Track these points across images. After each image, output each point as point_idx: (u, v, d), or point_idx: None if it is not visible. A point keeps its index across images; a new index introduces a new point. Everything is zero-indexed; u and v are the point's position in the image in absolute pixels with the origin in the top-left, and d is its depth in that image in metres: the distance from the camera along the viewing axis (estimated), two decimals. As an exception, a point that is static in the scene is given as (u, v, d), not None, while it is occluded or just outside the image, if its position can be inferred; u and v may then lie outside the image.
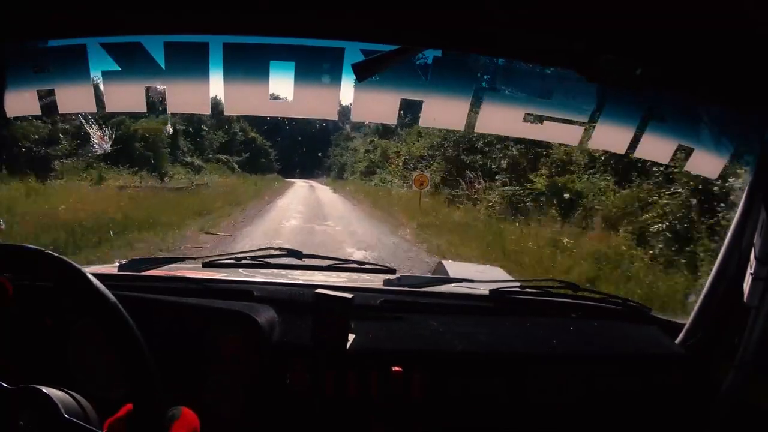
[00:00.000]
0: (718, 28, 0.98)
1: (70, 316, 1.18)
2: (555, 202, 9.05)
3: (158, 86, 1.12)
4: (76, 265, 0.88)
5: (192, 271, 1.57)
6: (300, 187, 23.14)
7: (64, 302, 1.17)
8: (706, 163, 1.32)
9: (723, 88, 1.14)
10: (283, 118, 1.15)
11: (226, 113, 1.14)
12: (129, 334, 0.85)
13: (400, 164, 17.77)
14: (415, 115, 1.16)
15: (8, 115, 1.12)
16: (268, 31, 1.05)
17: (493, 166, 12.08)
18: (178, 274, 1.53)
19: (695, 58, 1.08)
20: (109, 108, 1.16)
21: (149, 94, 1.13)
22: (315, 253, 1.57)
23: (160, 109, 1.15)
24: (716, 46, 1.03)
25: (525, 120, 1.19)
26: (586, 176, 9.15)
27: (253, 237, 8.19)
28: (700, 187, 6.11)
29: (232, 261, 1.54)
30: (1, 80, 1.03)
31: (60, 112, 1.17)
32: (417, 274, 1.61)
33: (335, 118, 1.14)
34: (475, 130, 1.19)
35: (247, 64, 1.12)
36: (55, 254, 0.88)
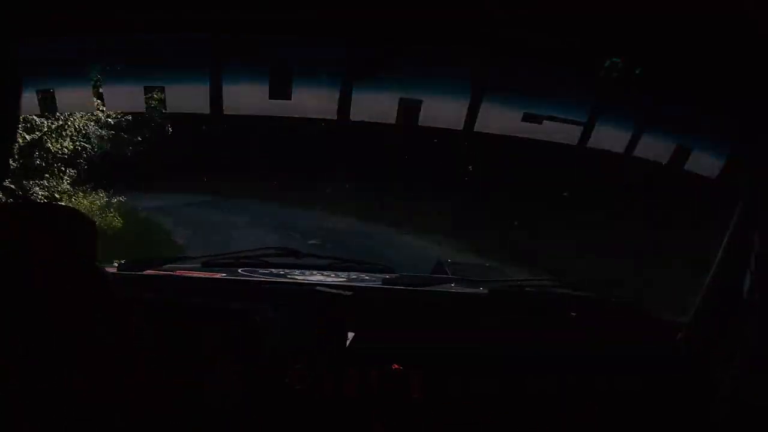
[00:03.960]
0: (717, 28, 0.98)
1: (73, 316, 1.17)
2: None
3: (158, 86, 1.12)
4: None
5: (191, 271, 1.57)
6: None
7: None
8: (706, 163, 1.32)
9: (723, 88, 1.14)
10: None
11: (225, 113, 1.14)
12: None
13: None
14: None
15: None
16: (268, 31, 1.05)
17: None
18: (178, 273, 1.53)
19: (695, 59, 1.08)
20: (109, 107, 1.17)
21: (148, 94, 1.13)
22: (314, 253, 1.57)
23: (160, 108, 1.15)
24: (716, 47, 1.03)
25: (524, 119, 1.19)
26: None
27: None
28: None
29: (231, 261, 1.54)
30: (8, 80, 1.03)
31: (59, 112, 1.17)
32: (416, 274, 1.61)
33: (335, 117, 1.14)
34: (475, 130, 1.19)
35: (247, 63, 1.12)
36: None
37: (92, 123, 7.92)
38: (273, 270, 1.62)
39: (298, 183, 9.70)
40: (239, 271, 1.58)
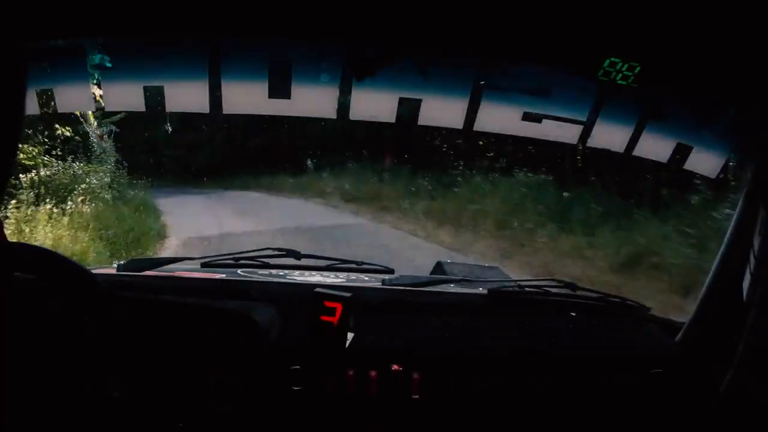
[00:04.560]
0: (718, 28, 0.98)
1: (71, 316, 1.17)
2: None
3: (157, 85, 1.12)
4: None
5: (190, 272, 1.57)
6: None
7: (66, 301, 1.17)
8: (705, 163, 1.32)
9: (723, 87, 1.14)
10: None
11: (225, 112, 1.14)
12: None
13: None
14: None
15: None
16: (268, 31, 1.05)
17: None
18: (177, 274, 1.53)
19: (695, 58, 1.08)
20: (108, 107, 1.16)
21: (148, 93, 1.13)
22: (313, 253, 1.57)
23: (159, 108, 1.15)
24: (716, 46, 1.03)
25: (523, 119, 1.19)
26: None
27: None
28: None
29: (230, 261, 1.54)
30: (11, 80, 1.03)
31: (59, 112, 1.17)
32: (415, 274, 1.60)
33: (334, 116, 1.14)
34: (474, 129, 1.19)
35: (246, 63, 1.12)
36: (59, 253, 0.89)
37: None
38: (272, 270, 1.62)
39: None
40: (238, 271, 1.58)
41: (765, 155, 1.24)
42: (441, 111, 1.15)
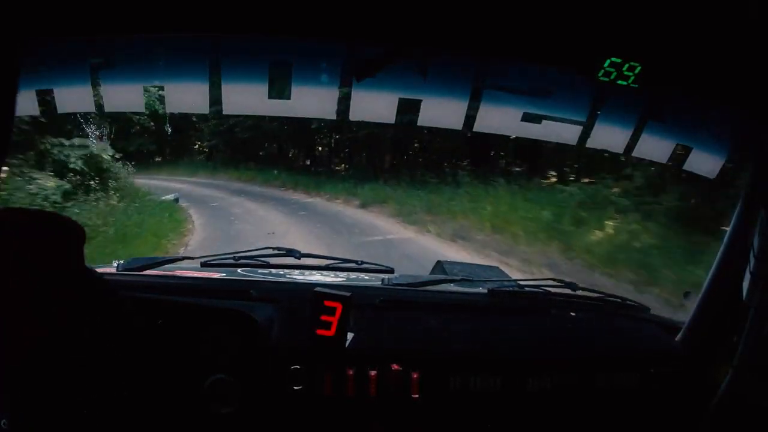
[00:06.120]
0: (718, 28, 0.98)
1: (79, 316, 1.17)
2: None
3: (157, 85, 1.12)
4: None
5: (190, 271, 1.57)
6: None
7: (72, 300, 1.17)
8: (705, 163, 1.33)
9: (723, 88, 1.14)
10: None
11: (225, 113, 1.14)
12: None
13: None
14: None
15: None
16: (268, 31, 1.05)
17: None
18: (177, 273, 1.53)
19: (695, 58, 1.08)
20: (108, 108, 1.16)
21: (148, 94, 1.13)
22: (313, 253, 1.57)
23: (159, 108, 1.15)
24: (716, 46, 1.03)
25: (523, 119, 1.19)
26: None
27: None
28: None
29: (230, 261, 1.54)
30: (5, 79, 1.03)
31: (59, 112, 1.17)
32: (415, 274, 1.60)
33: (334, 117, 1.14)
34: (474, 130, 1.19)
35: (246, 63, 1.12)
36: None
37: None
38: (272, 270, 1.62)
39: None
40: (238, 271, 1.58)
41: (765, 155, 1.24)
42: (441, 111, 1.16)
